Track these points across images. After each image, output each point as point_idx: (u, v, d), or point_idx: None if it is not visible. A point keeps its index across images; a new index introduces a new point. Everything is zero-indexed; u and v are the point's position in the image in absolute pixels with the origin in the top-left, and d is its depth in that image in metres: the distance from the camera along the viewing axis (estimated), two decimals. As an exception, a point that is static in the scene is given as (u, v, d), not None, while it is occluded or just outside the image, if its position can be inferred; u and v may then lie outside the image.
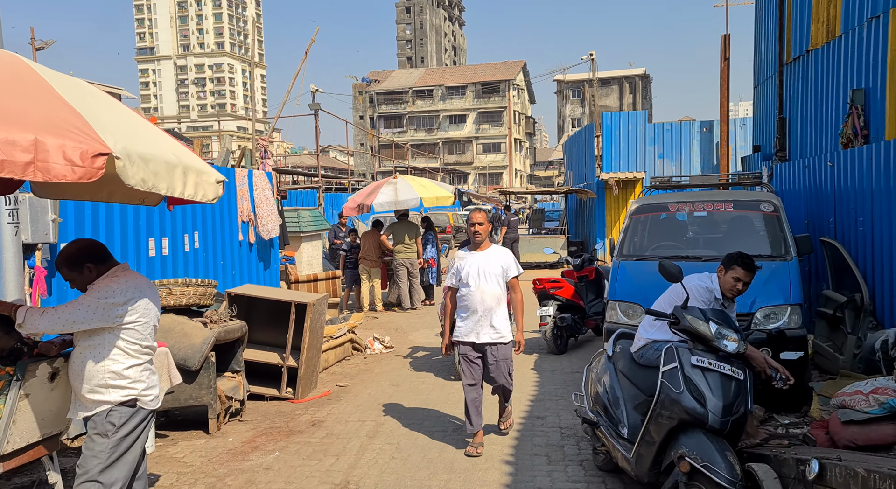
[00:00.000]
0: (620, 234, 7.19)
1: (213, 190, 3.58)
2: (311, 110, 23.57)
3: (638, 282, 6.52)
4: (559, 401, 6.84)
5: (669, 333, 4.49)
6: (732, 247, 6.64)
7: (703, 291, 4.43)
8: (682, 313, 4.08)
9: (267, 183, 9.10)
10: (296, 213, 13.09)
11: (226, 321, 6.34)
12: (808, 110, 9.12)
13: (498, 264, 5.36)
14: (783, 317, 5.87)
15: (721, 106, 17.43)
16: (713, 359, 3.93)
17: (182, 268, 7.23)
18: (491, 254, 5.41)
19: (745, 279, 4.41)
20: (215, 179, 3.63)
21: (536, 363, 8.50)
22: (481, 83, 71.43)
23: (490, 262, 5.35)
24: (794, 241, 6.41)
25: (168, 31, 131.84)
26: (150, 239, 6.76)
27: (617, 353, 4.90)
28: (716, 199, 6.94)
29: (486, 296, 5.31)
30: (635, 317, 6.34)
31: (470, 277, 5.34)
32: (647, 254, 6.89)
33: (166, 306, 6.13)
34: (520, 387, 7.30)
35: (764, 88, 11.71)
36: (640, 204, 7.32)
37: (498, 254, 5.44)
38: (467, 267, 5.37)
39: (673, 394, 3.87)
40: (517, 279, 5.49)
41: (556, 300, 9.03)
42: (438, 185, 13.55)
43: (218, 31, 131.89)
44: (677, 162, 19.50)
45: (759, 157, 11.84)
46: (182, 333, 5.94)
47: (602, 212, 20.06)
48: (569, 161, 27.37)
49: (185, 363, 5.82)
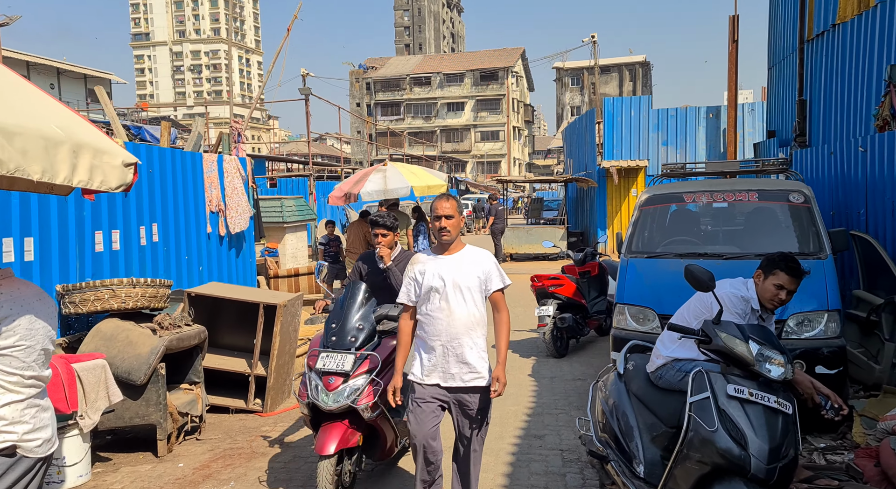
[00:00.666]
0: (629, 228, 6.40)
1: (119, 176, 2.79)
2: (302, 95, 22.71)
3: (650, 283, 5.75)
4: (559, 415, 6.07)
5: (695, 351, 3.72)
6: (756, 244, 5.88)
7: (736, 301, 3.64)
8: (715, 330, 3.30)
9: (239, 169, 8.29)
10: (279, 202, 12.31)
11: (180, 326, 5.56)
12: (833, 91, 8.31)
13: (474, 273, 3.75)
14: (819, 325, 5.10)
15: (729, 91, 16.62)
16: (754, 387, 3.16)
17: (137, 264, 6.43)
18: (465, 260, 3.79)
19: (790, 287, 3.63)
20: (122, 162, 2.83)
21: (534, 368, 7.74)
22: (480, 70, 70.37)
23: (464, 271, 3.74)
24: (827, 237, 5.63)
25: (163, 17, 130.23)
26: (96, 232, 5.96)
27: (629, 371, 4.12)
28: (738, 187, 6.14)
29: (458, 320, 3.71)
30: (647, 323, 5.57)
31: (434, 292, 3.74)
32: (660, 250, 6.11)
33: (109, 310, 5.35)
34: (515, 398, 6.54)
35: (780, 69, 10.89)
36: (650, 194, 6.53)
37: (475, 259, 3.81)
38: (430, 277, 3.76)
39: (704, 433, 3.10)
40: (502, 293, 3.84)
41: (556, 298, 8.26)
42: (431, 172, 12.73)
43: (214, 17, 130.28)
44: (682, 149, 18.69)
45: (774, 143, 11.04)
46: (127, 342, 5.17)
47: (603, 201, 19.29)
48: (568, 149, 26.53)
49: (130, 376, 5.05)
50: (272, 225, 12.16)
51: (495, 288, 3.80)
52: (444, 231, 3.75)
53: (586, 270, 8.98)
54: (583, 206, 22.43)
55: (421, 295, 3.81)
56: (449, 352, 3.74)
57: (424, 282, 3.79)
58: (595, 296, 8.99)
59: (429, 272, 3.79)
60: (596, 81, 22.06)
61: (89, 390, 4.65)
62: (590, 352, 8.47)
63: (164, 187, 6.95)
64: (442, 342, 3.73)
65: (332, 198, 12.03)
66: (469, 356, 3.74)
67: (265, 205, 12.16)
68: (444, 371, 3.74)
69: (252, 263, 8.97)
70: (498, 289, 3.81)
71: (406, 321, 3.90)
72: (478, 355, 3.78)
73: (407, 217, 12.26)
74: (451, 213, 3.75)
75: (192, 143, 8.74)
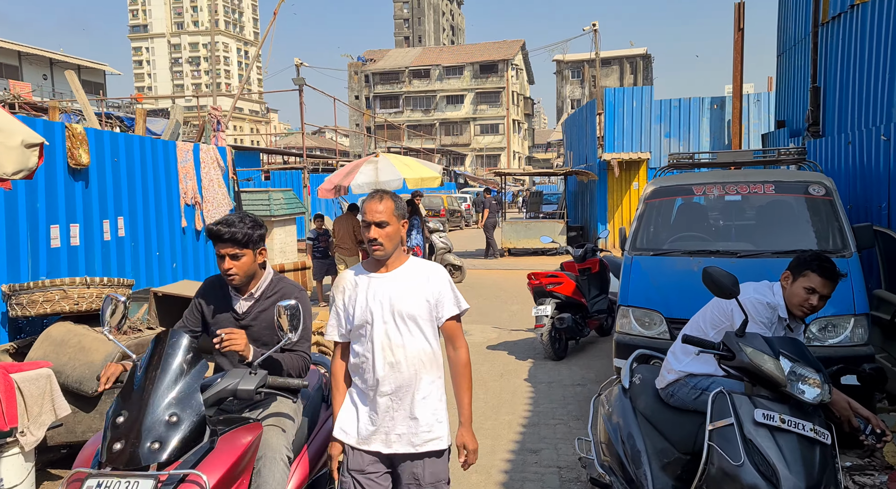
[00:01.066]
0: (633, 223, 5.90)
1: (16, 159, 2.28)
2: (296, 85, 22.15)
3: (656, 284, 5.25)
4: (557, 426, 5.59)
5: (711, 364, 3.23)
6: (773, 240, 5.37)
7: (761, 309, 3.15)
8: (739, 344, 2.81)
9: (217, 160, 7.78)
10: (266, 194, 11.81)
11: (140, 330, 5.07)
12: (850, 77, 7.79)
13: (421, 296, 2.76)
14: (844, 330, 4.62)
15: (734, 80, 16.09)
16: (786, 412, 2.67)
17: (100, 261, 5.94)
18: (409, 278, 2.79)
19: (823, 291, 3.13)
20: (22, 142, 2.32)
21: (531, 372, 7.26)
22: (479, 63, 69.75)
23: (407, 293, 2.75)
24: (852, 233, 5.13)
25: (161, 9, 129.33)
26: (52, 226, 5.46)
27: (636, 386, 3.63)
28: (752, 179, 5.64)
29: (403, 361, 2.73)
30: (653, 327, 5.08)
31: (368, 324, 2.75)
32: (667, 247, 5.61)
33: (61, 312, 4.86)
34: (510, 407, 6.06)
35: (790, 56, 10.37)
36: (657, 186, 6.02)
37: (421, 277, 2.80)
38: (362, 304, 2.76)
39: (727, 467, 2.62)
40: (458, 322, 2.85)
41: (555, 297, 7.76)
42: (424, 164, 12.22)
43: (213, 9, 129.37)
44: (685, 141, 18.17)
45: (784, 133, 10.52)
46: (79, 348, 4.68)
47: (603, 195, 18.78)
48: (568, 141, 26.00)
49: (81, 387, 4.57)
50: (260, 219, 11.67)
51: (449, 315, 2.78)
52: (375, 244, 2.71)
53: (586, 267, 8.48)
54: (583, 200, 21.93)
55: (352, 327, 2.79)
56: (394, 405, 2.72)
57: (356, 313, 2.76)
58: (596, 294, 8.50)
59: (360, 298, 2.76)
60: (597, 71, 21.51)
61: (31, 403, 4.16)
62: (590, 355, 7.99)
63: (131, 177, 6.45)
64: (383, 392, 2.72)
65: (321, 190, 11.55)
66: (420, 410, 2.73)
67: (252, 198, 11.68)
68: (388, 432, 2.72)
69: (233, 259, 8.46)
70: (453, 316, 2.80)
71: (338, 362, 2.87)
72: (432, 408, 2.76)
73: (400, 210, 11.75)
74: (384, 219, 2.70)
75: (168, 131, 8.24)
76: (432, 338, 2.80)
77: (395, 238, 2.75)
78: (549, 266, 14.74)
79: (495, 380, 6.94)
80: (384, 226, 2.72)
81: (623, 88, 19.33)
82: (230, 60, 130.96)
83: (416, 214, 12.38)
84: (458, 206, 31.93)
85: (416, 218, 12.25)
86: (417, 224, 12.18)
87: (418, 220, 12.28)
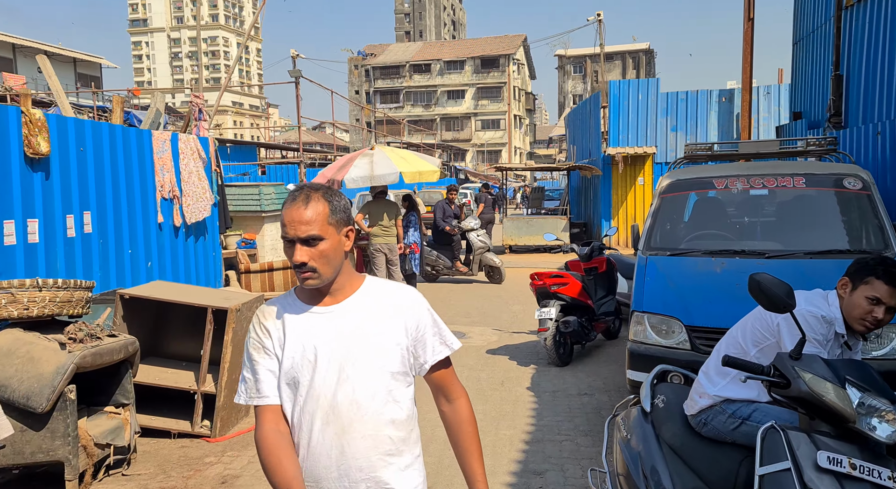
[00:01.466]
0: (647, 219, 5.38)
1: None
2: (292, 78, 21.61)
3: (675, 287, 4.72)
4: (563, 443, 5.07)
5: (753, 388, 2.72)
6: (804, 239, 4.84)
7: (815, 323, 2.63)
8: (795, 369, 2.29)
9: (199, 151, 7.26)
10: (256, 189, 11.29)
11: (100, 337, 4.54)
12: (878, 63, 7.25)
13: (389, 335, 1.86)
14: (890, 341, 4.09)
15: (744, 72, 15.50)
16: (857, 455, 2.16)
17: (63, 260, 5.42)
18: (367, 310, 1.87)
19: (890, 301, 2.60)
20: None
21: (533, 380, 6.74)
22: (480, 57, 69.12)
23: (365, 334, 1.84)
24: (893, 230, 4.61)
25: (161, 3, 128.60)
26: (6, 221, 4.94)
27: (659, 409, 3.11)
28: (780, 171, 5.11)
29: (359, 438, 1.80)
30: (671, 336, 4.56)
31: (303, 384, 1.81)
32: (685, 246, 5.09)
33: (9, 318, 4.34)
34: (511, 420, 5.55)
35: (808, 43, 9.82)
36: (673, 179, 5.49)
37: (387, 306, 1.88)
38: (296, 351, 1.83)
39: (785, 524, 2.10)
40: (449, 367, 1.99)
41: (560, 299, 7.24)
42: (422, 157, 11.71)
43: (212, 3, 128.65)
44: (692, 135, 17.60)
45: (801, 125, 9.99)
46: (27, 358, 4.16)
47: (608, 190, 18.23)
48: (571, 135, 25.44)
49: (29, 403, 4.05)
50: (250, 214, 11.16)
51: (435, 359, 1.92)
52: (304, 271, 1.78)
53: (593, 266, 7.96)
54: (586, 196, 21.39)
55: (282, 387, 1.83)
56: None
57: (284, 367, 1.82)
58: (603, 295, 7.98)
59: (292, 344, 1.82)
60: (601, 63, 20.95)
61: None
62: (597, 360, 7.47)
63: (100, 169, 5.92)
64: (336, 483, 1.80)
65: (313, 185, 11.02)
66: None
67: (242, 192, 11.17)
68: None
69: (217, 258, 7.95)
70: (440, 361, 1.94)
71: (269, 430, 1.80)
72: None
73: (396, 206, 11.26)
74: (315, 232, 1.76)
75: (148, 120, 7.71)
76: (405, 398, 1.87)
77: (337, 257, 1.80)
78: (552, 263, 14.23)
79: (495, 390, 6.43)
80: (316, 242, 1.76)
81: (628, 81, 18.78)
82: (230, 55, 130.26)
83: (414, 210, 11.87)
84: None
85: (413, 214, 11.74)
86: (415, 220, 11.67)
87: (416, 216, 11.77)
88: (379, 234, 10.64)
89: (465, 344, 8.26)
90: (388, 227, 10.68)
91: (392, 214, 10.76)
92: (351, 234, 1.87)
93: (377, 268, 10.74)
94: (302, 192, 1.81)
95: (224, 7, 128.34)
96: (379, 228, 10.61)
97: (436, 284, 12.87)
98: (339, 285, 1.87)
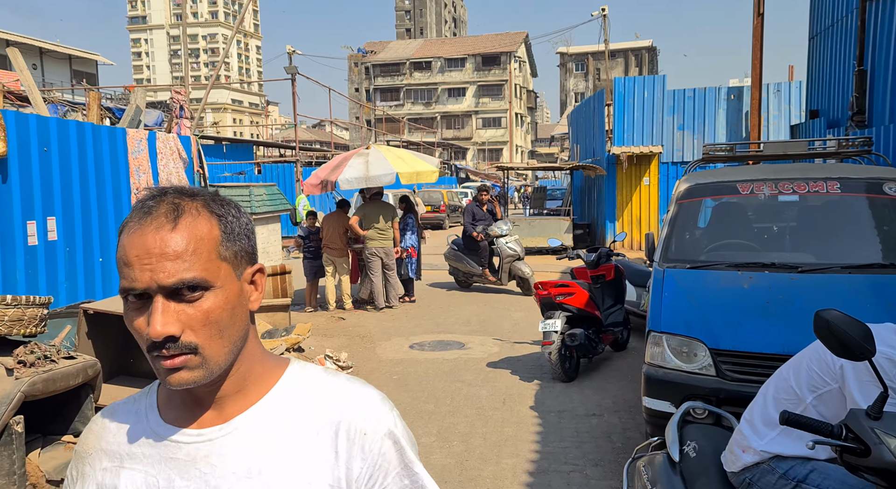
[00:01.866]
0: (664, 227, 4.89)
1: None
2: (288, 74, 21.17)
3: (697, 304, 4.24)
4: (571, 474, 4.60)
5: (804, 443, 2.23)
6: (841, 250, 4.35)
7: (889, 368, 2.14)
8: (875, 432, 1.81)
9: (179, 150, 6.78)
10: (246, 190, 10.83)
11: (54, 360, 4.07)
12: (908, 58, 6.77)
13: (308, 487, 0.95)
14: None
15: (753, 69, 15.01)
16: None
17: (23, 270, 4.94)
18: (272, 438, 0.98)
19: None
20: None
21: (537, 398, 6.26)
22: (481, 55, 68.63)
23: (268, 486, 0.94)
24: (941, 243, 4.13)
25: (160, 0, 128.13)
26: (-45, 230, 4.47)
27: (690, 459, 2.64)
28: (811, 175, 4.62)
29: None
30: (693, 360, 4.07)
31: None
32: (706, 258, 4.60)
33: (-50, 340, 3.86)
34: (513, 446, 5.08)
35: (826, 38, 9.33)
36: (692, 183, 5.01)
37: (314, 430, 0.98)
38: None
39: None
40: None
41: (565, 310, 6.76)
42: (420, 157, 11.23)
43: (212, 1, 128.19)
44: (700, 134, 17.11)
45: (819, 123, 9.51)
46: (-32, 386, 3.68)
47: (612, 191, 17.74)
48: (575, 134, 24.94)
49: (-32, 437, 3.57)
50: (240, 216, 10.70)
51: None
52: (172, 351, 0.92)
53: (600, 274, 7.49)
54: (589, 196, 20.91)
55: None
56: None
57: None
58: (611, 304, 7.51)
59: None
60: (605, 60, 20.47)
61: None
62: (604, 375, 6.99)
63: (66, 171, 5.44)
64: None
65: (307, 186, 10.60)
66: None
67: (231, 194, 10.69)
68: None
69: (200, 263, 7.47)
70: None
71: None
72: None
73: (393, 208, 10.80)
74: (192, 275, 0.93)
75: (127, 118, 7.23)
76: None
77: (235, 324, 0.98)
78: (555, 266, 13.74)
79: (496, 409, 5.96)
80: (196, 293, 0.94)
81: (633, 78, 18.27)
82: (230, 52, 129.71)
83: (412, 212, 11.41)
84: (459, 202, 30.88)
85: (410, 216, 11.27)
86: (412, 222, 11.20)
87: (413, 219, 11.30)
88: (375, 238, 10.19)
89: (465, 356, 7.79)
90: (384, 230, 10.23)
91: (388, 217, 10.32)
92: (261, 279, 1.08)
93: (373, 274, 10.29)
94: (164, 199, 0.98)
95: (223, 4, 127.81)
96: (375, 231, 10.16)
97: (435, 288, 12.40)
98: (235, 385, 1.01)
